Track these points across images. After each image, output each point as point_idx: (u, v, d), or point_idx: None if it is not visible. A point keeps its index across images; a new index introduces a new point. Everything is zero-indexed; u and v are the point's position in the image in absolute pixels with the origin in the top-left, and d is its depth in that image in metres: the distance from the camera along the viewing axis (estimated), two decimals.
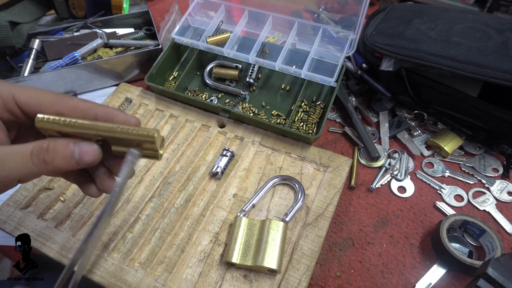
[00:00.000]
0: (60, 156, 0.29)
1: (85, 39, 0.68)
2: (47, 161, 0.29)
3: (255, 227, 0.45)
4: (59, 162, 0.29)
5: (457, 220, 0.46)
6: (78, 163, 0.30)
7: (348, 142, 0.58)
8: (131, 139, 0.30)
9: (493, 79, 0.46)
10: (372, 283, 0.45)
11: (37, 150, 0.29)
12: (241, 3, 0.67)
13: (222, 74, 0.65)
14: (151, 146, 0.31)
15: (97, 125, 0.30)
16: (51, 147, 0.29)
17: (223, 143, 0.55)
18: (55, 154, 0.29)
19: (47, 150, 0.29)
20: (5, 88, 0.31)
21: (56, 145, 0.30)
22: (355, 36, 0.59)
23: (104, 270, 0.43)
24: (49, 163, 0.29)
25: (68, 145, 0.30)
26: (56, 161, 0.29)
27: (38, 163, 0.29)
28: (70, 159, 0.30)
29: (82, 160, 0.30)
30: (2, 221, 0.48)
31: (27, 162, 0.29)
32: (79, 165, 0.30)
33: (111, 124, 0.30)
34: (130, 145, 0.31)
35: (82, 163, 0.30)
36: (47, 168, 0.29)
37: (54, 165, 0.29)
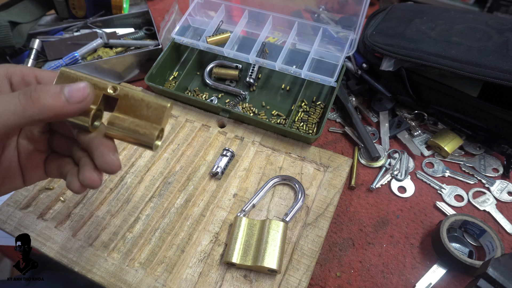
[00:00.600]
0: (48, 93, 0.28)
1: (85, 39, 0.68)
2: (34, 97, 0.27)
3: (255, 227, 0.45)
4: (47, 99, 0.27)
5: (457, 220, 0.46)
6: (68, 100, 0.28)
7: (348, 142, 0.58)
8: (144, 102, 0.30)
9: (493, 79, 0.46)
10: (372, 283, 0.45)
11: (25, 89, 0.28)
12: (241, 3, 0.67)
13: (222, 74, 0.65)
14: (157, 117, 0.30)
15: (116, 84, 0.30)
16: (40, 86, 0.28)
17: (223, 143, 0.55)
18: (42, 91, 0.28)
19: (34, 88, 0.28)
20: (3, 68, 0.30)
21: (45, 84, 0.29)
22: (355, 36, 0.59)
23: (104, 270, 0.43)
24: (36, 99, 0.27)
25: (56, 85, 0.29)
26: (42, 97, 0.27)
27: (24, 98, 0.27)
28: (58, 95, 0.28)
29: (72, 96, 0.28)
30: (2, 221, 0.48)
31: (14, 101, 0.27)
32: (69, 103, 0.28)
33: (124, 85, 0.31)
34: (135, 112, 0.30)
35: (72, 101, 0.28)
36: (34, 106, 0.27)
37: (42, 102, 0.27)
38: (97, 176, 0.31)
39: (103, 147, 0.31)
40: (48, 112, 0.28)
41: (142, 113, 0.30)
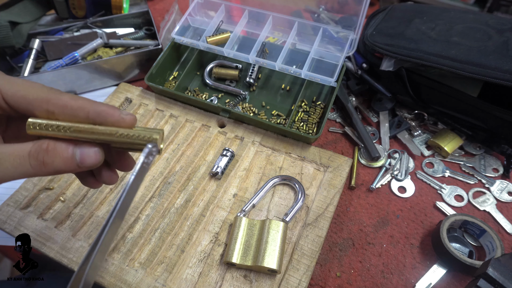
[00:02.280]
0: (60, 158, 0.28)
1: (85, 39, 0.68)
2: (46, 162, 0.28)
3: (255, 227, 0.45)
4: (59, 164, 0.28)
5: (457, 220, 0.46)
6: (79, 165, 0.29)
7: (348, 142, 0.58)
8: (131, 143, 0.29)
9: (493, 79, 0.46)
10: (372, 283, 0.45)
11: (35, 151, 0.28)
12: (241, 3, 0.67)
13: (222, 74, 0.65)
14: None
15: (93, 130, 0.29)
16: (51, 148, 0.28)
17: (223, 143, 0.55)
18: (55, 156, 0.28)
19: (46, 151, 0.28)
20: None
21: (56, 146, 0.28)
22: (355, 36, 0.59)
23: (104, 270, 0.43)
24: (48, 164, 0.28)
25: (68, 147, 0.28)
26: (55, 163, 0.28)
27: (36, 164, 0.28)
28: (71, 161, 0.28)
29: (83, 163, 0.29)
30: (2, 221, 0.48)
31: (25, 163, 0.27)
32: (80, 168, 0.29)
33: (109, 129, 0.29)
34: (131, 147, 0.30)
35: (83, 166, 0.29)
36: (45, 170, 0.28)
37: (54, 167, 0.28)
38: (114, 174, 0.34)
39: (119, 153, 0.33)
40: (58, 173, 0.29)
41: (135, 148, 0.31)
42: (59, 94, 0.29)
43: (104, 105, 0.29)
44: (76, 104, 0.29)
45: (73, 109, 0.29)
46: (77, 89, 0.66)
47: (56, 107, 0.29)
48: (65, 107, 0.29)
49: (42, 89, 0.29)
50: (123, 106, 0.61)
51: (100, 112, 0.29)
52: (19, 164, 0.27)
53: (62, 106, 0.29)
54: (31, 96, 0.29)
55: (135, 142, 0.29)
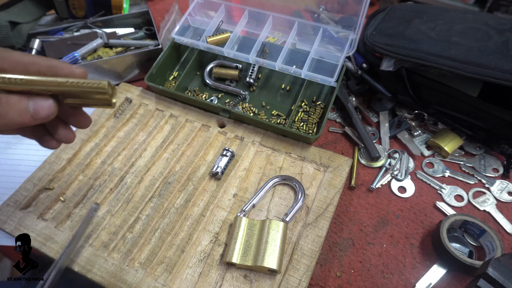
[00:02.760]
0: (14, 109, 0.28)
1: (85, 39, 0.68)
2: (0, 114, 0.28)
3: (255, 227, 0.45)
4: (13, 116, 0.28)
5: (457, 220, 0.46)
6: (33, 117, 0.29)
7: (348, 142, 0.58)
8: (83, 91, 0.30)
9: (493, 79, 0.46)
10: (372, 283, 0.45)
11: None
12: (241, 3, 0.67)
13: (222, 74, 0.65)
14: (104, 97, 0.31)
15: (45, 81, 0.29)
16: (4, 100, 0.28)
17: (223, 143, 0.55)
18: (8, 107, 0.28)
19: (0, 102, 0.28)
20: None
21: (9, 98, 0.28)
22: (355, 36, 0.59)
23: (104, 270, 0.43)
24: (3, 116, 0.28)
25: (22, 99, 0.29)
26: (9, 114, 0.28)
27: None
28: (24, 113, 0.29)
29: (38, 114, 0.29)
30: (2, 221, 0.48)
31: None
32: (34, 120, 0.29)
33: (60, 79, 0.29)
34: (82, 96, 0.31)
35: (37, 117, 0.29)
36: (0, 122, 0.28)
37: (8, 119, 0.28)
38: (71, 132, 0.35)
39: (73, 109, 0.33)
40: (13, 125, 0.29)
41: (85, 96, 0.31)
42: (10, 52, 0.30)
43: (55, 60, 0.30)
44: (27, 59, 0.30)
45: (25, 64, 0.30)
46: None
47: (8, 62, 0.29)
48: (17, 62, 0.30)
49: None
50: (123, 106, 0.61)
51: (51, 65, 0.30)
52: None
53: (13, 62, 0.29)
54: None
55: (86, 90, 0.30)
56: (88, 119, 0.35)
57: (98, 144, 0.55)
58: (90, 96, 0.31)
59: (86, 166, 0.54)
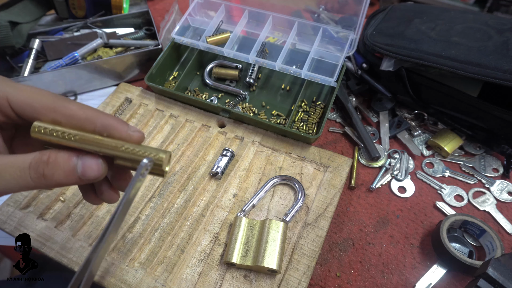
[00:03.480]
0: (61, 170, 0.27)
1: (85, 39, 0.68)
2: (46, 175, 0.27)
3: (255, 227, 0.45)
4: (59, 177, 0.27)
5: (457, 220, 0.46)
6: (80, 178, 0.28)
7: (348, 142, 0.58)
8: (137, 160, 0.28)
9: (493, 79, 0.46)
10: (372, 283, 0.45)
11: (35, 163, 0.27)
12: (241, 3, 0.67)
13: (222, 74, 0.65)
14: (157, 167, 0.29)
15: (99, 142, 0.27)
16: (52, 160, 0.27)
17: (223, 143, 0.55)
18: (55, 168, 0.27)
19: (47, 163, 0.27)
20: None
21: (57, 157, 0.27)
22: (355, 36, 0.59)
23: (104, 270, 0.43)
24: (48, 177, 0.27)
25: (70, 158, 0.27)
26: (56, 175, 0.27)
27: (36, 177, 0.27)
28: (72, 174, 0.27)
29: (85, 175, 0.28)
30: (2, 221, 0.48)
31: (25, 176, 0.26)
32: (81, 180, 0.28)
33: (115, 142, 0.28)
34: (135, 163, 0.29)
35: (85, 179, 0.28)
36: (45, 183, 0.27)
37: (54, 180, 0.27)
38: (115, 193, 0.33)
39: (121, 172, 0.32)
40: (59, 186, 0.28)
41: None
42: (66, 102, 0.28)
43: (112, 118, 0.28)
44: (84, 115, 0.28)
45: (80, 120, 0.28)
46: (77, 89, 0.66)
47: (63, 116, 0.28)
48: (72, 117, 0.28)
49: (48, 97, 0.28)
50: (123, 106, 0.61)
51: (108, 125, 0.28)
52: (19, 177, 0.26)
53: (69, 116, 0.28)
54: (37, 105, 0.28)
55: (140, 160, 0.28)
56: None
57: None
58: None
59: None
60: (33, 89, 0.29)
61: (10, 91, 0.28)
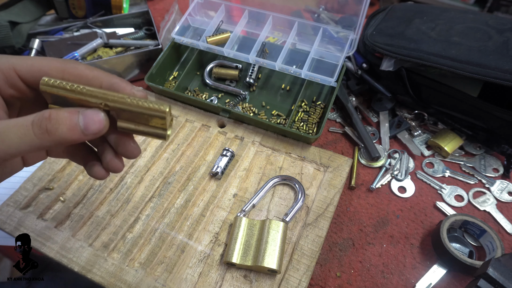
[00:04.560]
0: (64, 124, 0.27)
1: (85, 39, 0.68)
2: (49, 130, 0.27)
3: (255, 227, 0.45)
4: (63, 131, 0.27)
5: (458, 220, 0.46)
6: (83, 132, 0.28)
7: (348, 142, 0.58)
8: (141, 113, 0.29)
9: (493, 79, 0.46)
10: (372, 283, 0.45)
11: (38, 119, 0.27)
12: (241, 3, 0.67)
13: (222, 74, 0.65)
14: (161, 122, 0.29)
15: (107, 94, 0.28)
16: (54, 116, 0.27)
17: (223, 143, 0.55)
18: (58, 123, 0.27)
19: (49, 119, 0.27)
20: (4, 60, 0.29)
21: (59, 113, 0.27)
22: (355, 36, 0.59)
23: (104, 270, 0.43)
24: (52, 132, 0.27)
25: (72, 113, 0.28)
26: (59, 130, 0.27)
27: (40, 133, 0.27)
28: (75, 127, 0.28)
29: (88, 129, 0.28)
30: (2, 221, 0.48)
31: (28, 133, 0.27)
32: (85, 135, 0.28)
33: (120, 94, 0.29)
34: (138, 120, 0.29)
35: (88, 133, 0.28)
36: (50, 139, 0.27)
37: (58, 135, 0.27)
38: (120, 162, 0.34)
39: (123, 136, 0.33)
40: (64, 142, 0.28)
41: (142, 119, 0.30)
42: (74, 63, 0.30)
43: (117, 78, 0.31)
44: (91, 74, 0.30)
45: (88, 78, 0.30)
46: None
47: (72, 76, 0.30)
48: (81, 76, 0.30)
49: (56, 60, 0.30)
50: None
51: (113, 83, 0.30)
52: (23, 134, 0.27)
53: (77, 75, 0.30)
54: (46, 68, 0.30)
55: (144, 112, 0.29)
56: (137, 149, 0.34)
57: None
58: (146, 120, 0.29)
59: None
60: (40, 57, 0.31)
61: (17, 62, 0.29)
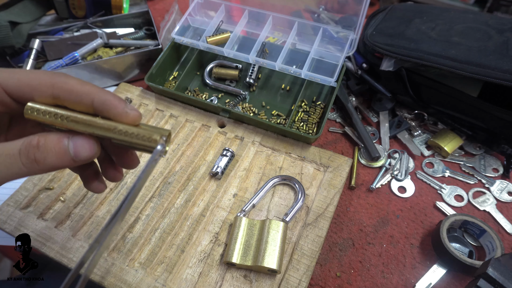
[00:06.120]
0: (53, 153, 0.26)
1: (85, 39, 0.68)
2: (38, 159, 0.26)
3: (255, 227, 0.45)
4: (52, 160, 0.26)
5: (457, 220, 0.46)
6: (73, 159, 0.27)
7: (348, 142, 0.58)
8: (130, 142, 0.28)
9: (493, 79, 0.46)
10: (372, 283, 0.45)
11: (25, 148, 0.26)
12: (241, 3, 0.67)
13: (222, 74, 0.65)
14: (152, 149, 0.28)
15: (92, 122, 0.27)
16: (42, 143, 0.26)
17: (223, 143, 0.55)
18: (46, 152, 0.26)
19: (37, 147, 0.26)
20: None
21: (47, 140, 0.26)
22: (355, 36, 0.59)
23: (104, 270, 0.43)
24: (40, 161, 0.26)
25: (61, 140, 0.27)
26: (48, 159, 0.26)
27: (27, 162, 0.26)
28: (64, 155, 0.27)
29: (78, 156, 0.27)
30: (2, 221, 0.48)
31: (16, 162, 0.26)
32: (74, 161, 0.27)
33: (108, 123, 0.27)
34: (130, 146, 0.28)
35: (78, 160, 0.27)
36: (38, 168, 0.26)
37: (46, 164, 0.26)
38: (119, 173, 0.34)
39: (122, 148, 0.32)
40: (53, 170, 0.27)
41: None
42: (64, 77, 0.28)
43: (110, 95, 0.28)
44: (82, 89, 0.28)
45: (79, 94, 0.28)
46: None
47: (62, 91, 0.28)
48: (71, 91, 0.28)
49: (46, 73, 0.28)
50: None
51: (105, 101, 0.28)
52: (10, 164, 0.26)
53: (68, 90, 0.28)
54: (34, 82, 0.27)
55: (133, 142, 0.28)
56: (136, 160, 0.33)
57: None
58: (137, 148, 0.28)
59: None
60: (28, 70, 0.29)
61: (3, 76, 0.28)
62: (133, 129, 0.28)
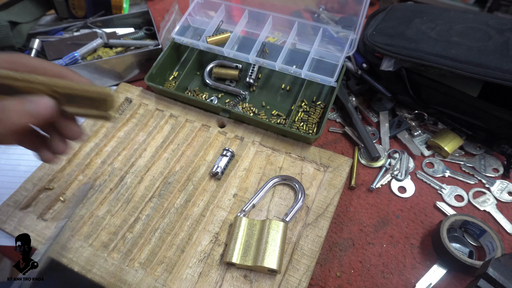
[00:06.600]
0: (13, 112, 0.28)
1: (85, 39, 0.68)
2: (1, 119, 0.28)
3: (255, 227, 0.45)
4: (14, 118, 0.28)
5: (458, 220, 0.46)
6: (33, 116, 0.29)
7: (348, 142, 0.58)
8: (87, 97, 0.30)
9: (493, 79, 0.46)
10: (372, 283, 0.45)
11: None
12: (241, 3, 0.67)
13: (222, 74, 0.65)
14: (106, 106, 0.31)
15: (53, 80, 0.30)
16: (1, 105, 0.28)
17: (223, 143, 0.55)
18: (9, 111, 0.28)
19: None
20: None
21: (8, 102, 0.28)
22: (355, 36, 0.59)
23: (104, 270, 0.43)
24: (4, 121, 0.28)
25: (19, 100, 0.29)
26: (10, 118, 0.28)
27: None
28: (25, 113, 0.28)
29: (38, 113, 0.29)
30: (2, 221, 0.48)
31: None
32: (36, 119, 0.29)
33: (65, 81, 0.30)
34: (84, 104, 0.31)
35: (38, 117, 0.29)
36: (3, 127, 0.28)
37: (10, 123, 0.28)
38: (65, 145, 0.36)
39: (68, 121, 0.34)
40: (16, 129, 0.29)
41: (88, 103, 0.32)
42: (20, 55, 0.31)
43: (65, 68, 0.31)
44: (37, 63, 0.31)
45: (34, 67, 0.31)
46: None
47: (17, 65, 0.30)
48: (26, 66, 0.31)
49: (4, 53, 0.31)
50: (123, 106, 0.61)
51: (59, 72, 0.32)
52: None
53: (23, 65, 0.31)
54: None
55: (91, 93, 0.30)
56: (80, 132, 0.36)
57: (98, 144, 0.55)
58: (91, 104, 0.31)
59: (86, 166, 0.54)
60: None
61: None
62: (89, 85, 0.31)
